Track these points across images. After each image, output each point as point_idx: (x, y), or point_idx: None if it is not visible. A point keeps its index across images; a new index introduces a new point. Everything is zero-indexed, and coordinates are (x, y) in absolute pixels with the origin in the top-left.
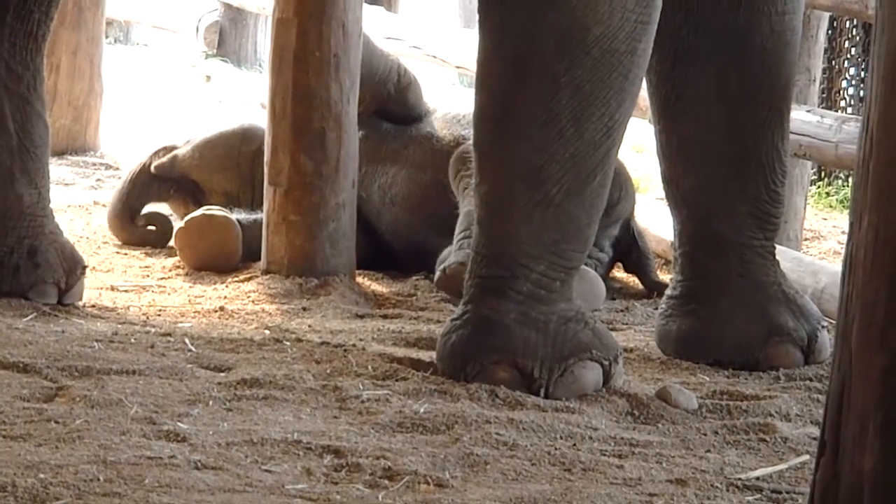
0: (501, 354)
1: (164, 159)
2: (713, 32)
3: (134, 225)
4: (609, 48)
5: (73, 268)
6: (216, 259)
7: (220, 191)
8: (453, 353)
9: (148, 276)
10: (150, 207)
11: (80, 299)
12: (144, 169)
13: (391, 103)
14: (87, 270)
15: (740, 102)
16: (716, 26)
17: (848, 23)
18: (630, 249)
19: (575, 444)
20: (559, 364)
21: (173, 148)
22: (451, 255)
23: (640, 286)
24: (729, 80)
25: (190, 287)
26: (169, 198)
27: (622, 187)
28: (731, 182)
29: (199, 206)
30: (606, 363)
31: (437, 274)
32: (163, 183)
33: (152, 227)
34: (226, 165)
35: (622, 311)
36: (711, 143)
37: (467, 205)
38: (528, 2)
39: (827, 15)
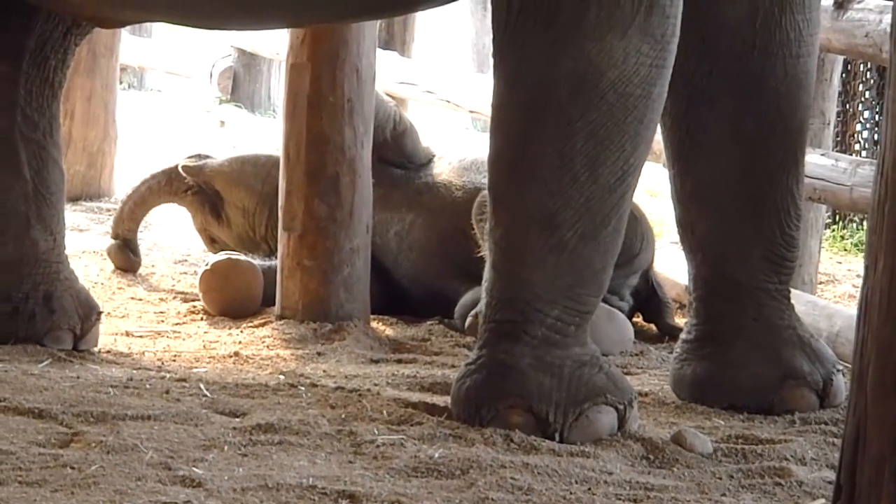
0: (516, 399)
1: (195, 162)
2: (727, 76)
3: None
4: (624, 92)
5: (89, 314)
6: (240, 304)
7: (239, 205)
8: (468, 397)
9: (163, 321)
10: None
11: (96, 345)
12: (168, 171)
13: (387, 149)
14: (102, 316)
15: (755, 146)
16: (730, 70)
17: (862, 66)
18: (649, 299)
19: (590, 489)
20: (574, 408)
21: (206, 156)
22: (482, 301)
23: (655, 330)
24: (743, 123)
25: (205, 332)
26: (184, 198)
27: (643, 238)
28: (746, 226)
29: (215, 213)
30: (621, 407)
31: (469, 320)
32: (183, 182)
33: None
34: (250, 183)
35: (637, 355)
36: (726, 186)
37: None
38: (543, 46)
39: (841, 58)
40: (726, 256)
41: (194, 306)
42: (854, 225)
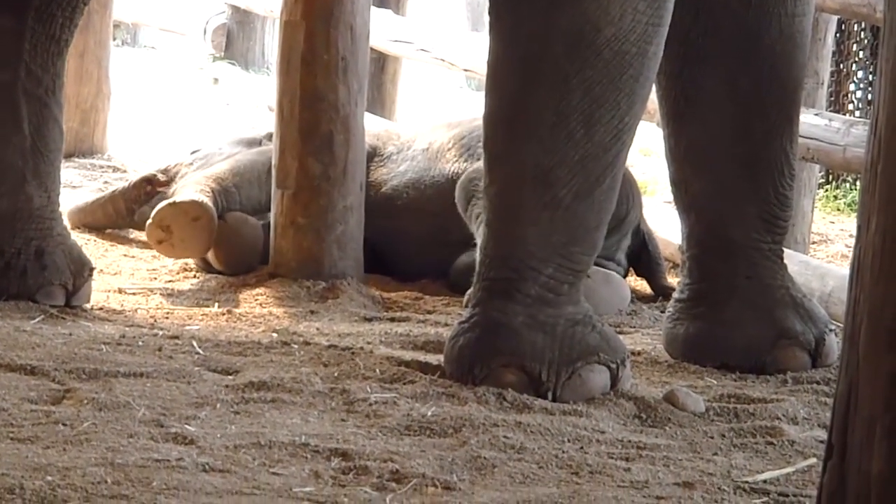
0: (509, 357)
1: (146, 208)
2: (722, 34)
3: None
4: (620, 50)
5: (81, 270)
6: (247, 259)
7: None
8: (461, 355)
9: (155, 278)
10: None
11: (88, 301)
12: (125, 195)
13: None
14: (95, 273)
15: (749, 105)
16: (725, 28)
17: (856, 26)
18: (640, 253)
19: (582, 448)
20: (566, 367)
21: (153, 180)
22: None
23: (648, 289)
24: (738, 82)
25: (198, 290)
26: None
27: (629, 197)
28: (740, 184)
29: None
30: (614, 366)
31: (466, 298)
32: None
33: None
34: None
35: (630, 314)
36: (720, 145)
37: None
38: (540, 4)
39: (835, 18)
40: (720, 215)
41: (187, 264)
42: (847, 185)
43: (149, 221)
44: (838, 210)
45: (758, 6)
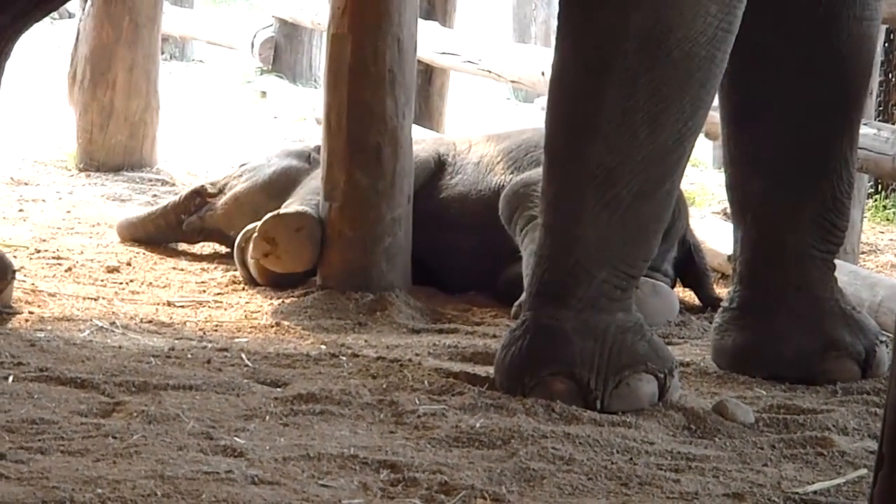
0: (559, 366)
1: (194, 218)
2: (788, 36)
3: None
4: (690, 52)
5: (4, 273)
6: (308, 262)
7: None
8: (512, 365)
9: (204, 291)
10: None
11: (9, 303)
12: (175, 209)
13: None
14: (145, 286)
15: (812, 108)
16: (791, 29)
17: None
18: (688, 264)
19: (631, 459)
20: (614, 376)
21: (202, 192)
22: (525, 291)
23: (696, 300)
24: (801, 83)
25: (246, 302)
26: (195, 243)
27: (677, 208)
28: (798, 189)
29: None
30: (661, 376)
31: (514, 309)
32: (191, 233)
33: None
34: (254, 219)
35: (678, 325)
36: (779, 147)
37: (530, 243)
38: (614, 2)
39: (883, 27)
40: (775, 219)
41: (236, 276)
42: None
43: (254, 235)
44: (888, 220)
45: (826, 7)
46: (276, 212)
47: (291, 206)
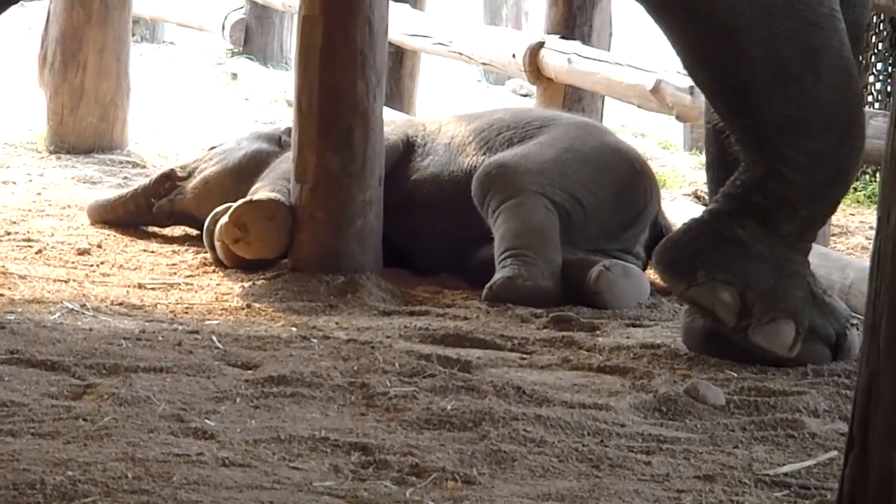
0: (735, 278)
1: (164, 201)
2: None
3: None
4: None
5: None
6: (278, 247)
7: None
8: (692, 251)
9: (175, 273)
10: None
11: None
12: (145, 192)
13: None
14: (115, 268)
15: None
16: None
17: (875, 18)
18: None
19: (602, 441)
20: (771, 312)
21: (172, 175)
22: (496, 273)
23: None
24: None
25: (217, 285)
26: (165, 226)
27: (648, 189)
28: None
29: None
30: (801, 330)
31: (485, 291)
32: (161, 217)
33: None
34: (224, 202)
35: (649, 307)
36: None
37: (502, 224)
38: None
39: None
40: None
41: (206, 259)
42: (867, 177)
43: (224, 220)
44: (858, 202)
45: None
46: (248, 198)
47: (262, 191)
